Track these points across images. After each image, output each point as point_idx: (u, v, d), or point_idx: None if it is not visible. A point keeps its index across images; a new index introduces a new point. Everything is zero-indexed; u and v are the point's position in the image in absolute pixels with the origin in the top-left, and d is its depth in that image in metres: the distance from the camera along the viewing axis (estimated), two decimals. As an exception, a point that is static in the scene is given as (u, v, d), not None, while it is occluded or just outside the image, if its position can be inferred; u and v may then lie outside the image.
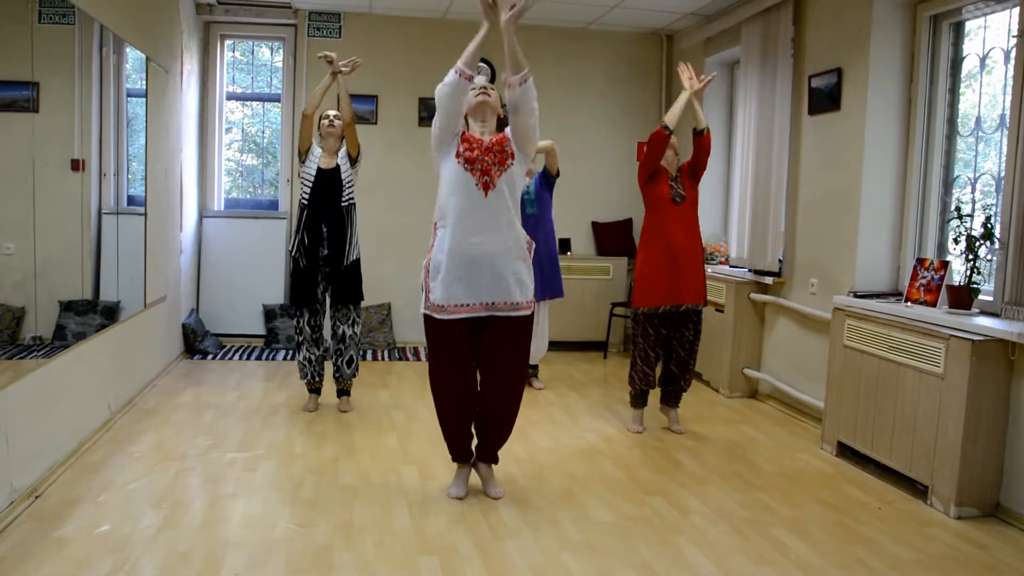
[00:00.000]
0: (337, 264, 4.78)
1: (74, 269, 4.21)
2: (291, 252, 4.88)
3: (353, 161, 4.86)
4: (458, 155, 3.34)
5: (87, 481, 3.61)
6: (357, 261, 4.87)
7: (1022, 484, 3.50)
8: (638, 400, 4.71)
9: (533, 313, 3.50)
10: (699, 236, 4.61)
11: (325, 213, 4.77)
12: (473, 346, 3.46)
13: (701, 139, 4.49)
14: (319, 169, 4.79)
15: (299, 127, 4.86)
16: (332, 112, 4.92)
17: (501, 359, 3.48)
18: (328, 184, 4.78)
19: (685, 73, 4.51)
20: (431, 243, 3.44)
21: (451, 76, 3.29)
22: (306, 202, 4.80)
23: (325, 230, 4.77)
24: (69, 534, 3.06)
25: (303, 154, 4.83)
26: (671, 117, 4.38)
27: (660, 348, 4.60)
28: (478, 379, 3.57)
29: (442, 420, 3.58)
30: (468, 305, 3.34)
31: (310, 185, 4.80)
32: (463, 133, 3.42)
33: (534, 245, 3.55)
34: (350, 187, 4.86)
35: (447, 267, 3.34)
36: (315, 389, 4.99)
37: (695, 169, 4.58)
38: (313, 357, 4.90)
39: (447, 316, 3.35)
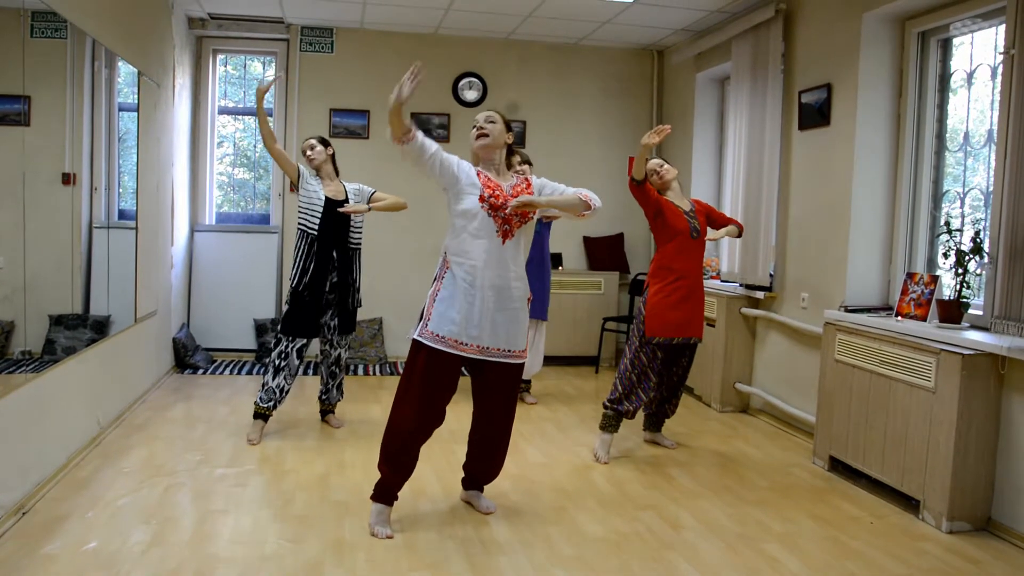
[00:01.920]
0: (345, 298, 4.69)
1: (64, 283, 4.19)
2: (293, 284, 4.55)
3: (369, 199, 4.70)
4: (482, 199, 3.26)
5: (75, 497, 3.57)
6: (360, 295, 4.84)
7: (1013, 498, 3.51)
8: (614, 425, 4.44)
9: (523, 363, 3.49)
10: (702, 271, 4.61)
11: (334, 245, 4.60)
12: (452, 386, 3.37)
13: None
14: (327, 198, 4.57)
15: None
16: (310, 141, 4.67)
17: (491, 403, 3.50)
18: (332, 218, 4.57)
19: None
20: (439, 273, 3.35)
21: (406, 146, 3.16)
22: (314, 232, 4.55)
23: (336, 256, 4.62)
24: (57, 551, 3.03)
25: (295, 183, 4.65)
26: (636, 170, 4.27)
27: (661, 374, 4.48)
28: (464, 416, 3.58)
29: (389, 453, 3.38)
30: (465, 345, 3.27)
31: (318, 215, 4.55)
32: (479, 174, 3.34)
33: (532, 298, 3.55)
34: (359, 229, 4.70)
35: (451, 304, 3.27)
36: (267, 417, 4.62)
37: (712, 220, 4.64)
38: (287, 387, 4.62)
39: (440, 347, 3.26)
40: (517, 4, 6.01)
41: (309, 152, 4.63)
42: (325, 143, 4.70)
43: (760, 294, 5.44)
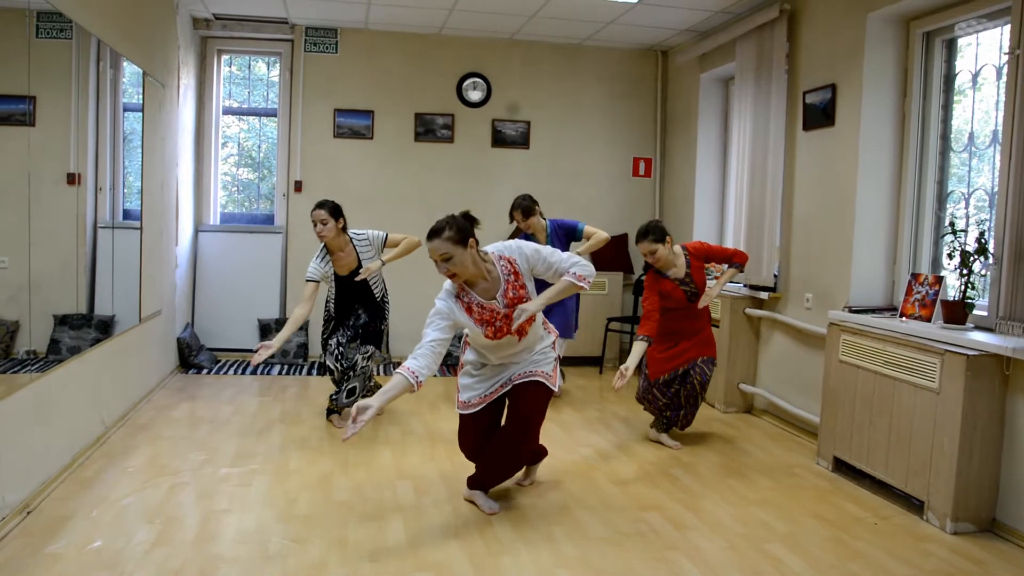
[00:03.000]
0: (372, 317, 4.94)
1: (69, 283, 4.20)
2: (324, 339, 4.96)
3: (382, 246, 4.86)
4: (488, 336, 3.42)
5: (80, 496, 3.59)
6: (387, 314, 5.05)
7: (1018, 499, 3.50)
8: (656, 423, 4.82)
9: (548, 384, 3.62)
10: (707, 314, 4.73)
11: (357, 303, 4.89)
12: (496, 423, 3.71)
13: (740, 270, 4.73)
14: (336, 276, 4.78)
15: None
16: (320, 213, 4.61)
17: (510, 418, 3.60)
18: (350, 289, 4.81)
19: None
20: (461, 348, 3.72)
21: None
22: (332, 302, 4.89)
23: (362, 306, 4.94)
24: (61, 550, 3.04)
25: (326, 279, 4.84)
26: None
27: (672, 397, 4.70)
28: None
29: (476, 467, 3.81)
30: (491, 394, 3.60)
31: (334, 289, 4.84)
32: (470, 307, 3.39)
33: (557, 334, 3.81)
34: (375, 283, 4.89)
35: (473, 375, 3.63)
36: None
37: (711, 259, 4.70)
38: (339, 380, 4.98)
39: (472, 410, 3.61)
40: (521, 4, 6.01)
41: (320, 229, 4.60)
42: (336, 214, 4.65)
43: (764, 295, 5.43)
